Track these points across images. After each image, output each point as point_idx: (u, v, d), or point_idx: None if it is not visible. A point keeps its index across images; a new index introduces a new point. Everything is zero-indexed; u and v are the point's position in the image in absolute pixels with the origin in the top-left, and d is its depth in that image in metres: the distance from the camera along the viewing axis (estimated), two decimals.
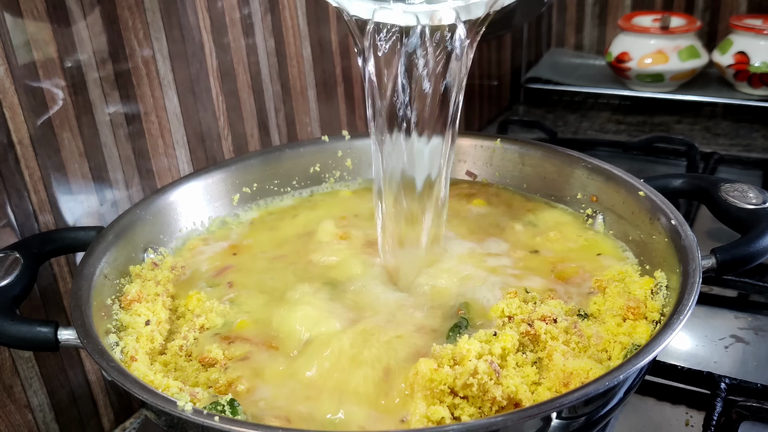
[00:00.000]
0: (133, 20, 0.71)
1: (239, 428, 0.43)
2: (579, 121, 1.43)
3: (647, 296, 0.58)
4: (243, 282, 0.66)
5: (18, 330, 0.52)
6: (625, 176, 0.69)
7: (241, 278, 0.66)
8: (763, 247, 0.58)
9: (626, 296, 0.58)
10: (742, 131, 1.33)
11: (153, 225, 0.69)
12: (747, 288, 0.81)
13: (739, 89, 1.37)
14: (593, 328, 0.55)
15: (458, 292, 0.61)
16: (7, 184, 0.62)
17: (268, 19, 0.88)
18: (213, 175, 0.75)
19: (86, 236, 0.63)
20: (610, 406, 0.50)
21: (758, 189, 0.65)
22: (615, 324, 0.55)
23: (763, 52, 1.31)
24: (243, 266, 0.68)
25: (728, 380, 0.66)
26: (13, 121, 0.62)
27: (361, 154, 0.81)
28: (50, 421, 0.69)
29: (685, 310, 0.50)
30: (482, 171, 0.80)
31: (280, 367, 0.54)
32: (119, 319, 0.58)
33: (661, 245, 0.62)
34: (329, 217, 0.74)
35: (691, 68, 1.37)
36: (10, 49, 0.61)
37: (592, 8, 1.59)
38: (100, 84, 0.69)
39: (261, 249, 0.71)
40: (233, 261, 0.69)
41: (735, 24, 1.35)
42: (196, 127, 0.81)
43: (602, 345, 0.54)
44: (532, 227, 0.72)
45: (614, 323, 0.56)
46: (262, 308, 0.62)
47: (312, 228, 0.73)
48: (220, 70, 0.83)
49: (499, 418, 0.44)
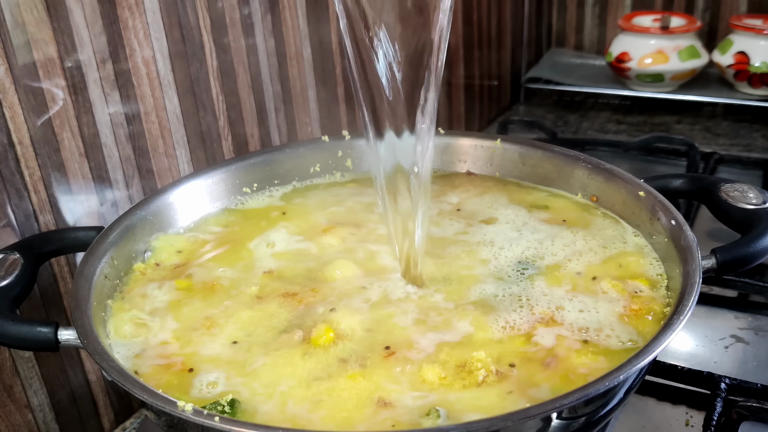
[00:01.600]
0: (133, 20, 0.71)
1: (239, 428, 0.43)
2: (579, 121, 1.43)
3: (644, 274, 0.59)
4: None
5: (18, 330, 0.52)
6: (626, 176, 0.69)
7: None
8: (763, 247, 0.58)
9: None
10: (742, 131, 1.33)
11: (153, 225, 0.69)
12: (747, 288, 0.81)
13: (739, 89, 1.37)
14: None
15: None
16: (7, 184, 0.62)
17: (268, 19, 0.88)
18: (213, 175, 0.75)
19: (86, 236, 0.63)
20: (611, 407, 0.50)
21: (758, 189, 0.65)
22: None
23: (763, 52, 1.31)
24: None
25: (728, 380, 0.66)
26: (13, 121, 0.62)
27: (361, 154, 0.81)
28: (50, 421, 0.69)
29: (685, 311, 0.50)
30: (482, 171, 0.80)
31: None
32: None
33: (661, 245, 0.63)
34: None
35: (691, 68, 1.37)
36: (10, 49, 0.61)
37: (592, 8, 1.59)
38: (100, 84, 0.69)
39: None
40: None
41: (735, 24, 1.35)
42: (196, 127, 0.81)
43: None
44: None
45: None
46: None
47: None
48: (220, 70, 0.83)
49: (500, 418, 0.44)
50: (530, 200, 0.74)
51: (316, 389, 0.51)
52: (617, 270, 0.62)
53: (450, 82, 1.30)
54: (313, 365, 0.53)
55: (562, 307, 0.58)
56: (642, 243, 0.66)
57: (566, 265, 0.63)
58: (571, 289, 0.60)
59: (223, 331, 0.58)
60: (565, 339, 0.54)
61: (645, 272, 0.62)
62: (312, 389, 0.51)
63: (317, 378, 0.52)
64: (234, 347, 0.56)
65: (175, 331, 0.58)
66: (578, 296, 0.59)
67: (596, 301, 0.58)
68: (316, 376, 0.52)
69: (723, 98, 1.37)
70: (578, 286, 0.61)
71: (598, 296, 0.59)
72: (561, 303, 0.58)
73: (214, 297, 0.62)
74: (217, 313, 0.60)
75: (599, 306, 0.58)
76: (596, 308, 0.58)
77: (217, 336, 0.57)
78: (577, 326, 0.56)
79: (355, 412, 0.49)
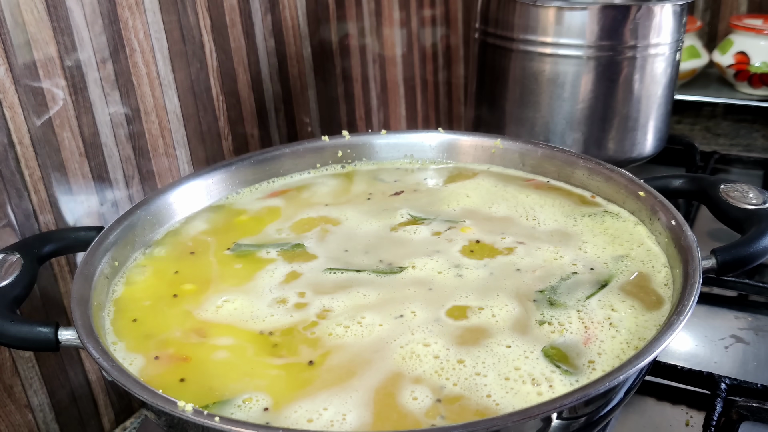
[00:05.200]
0: (133, 20, 0.71)
1: (239, 428, 0.43)
2: None
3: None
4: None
5: (18, 330, 0.52)
6: (626, 176, 0.69)
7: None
8: (763, 247, 0.58)
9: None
10: (742, 131, 1.33)
11: (153, 225, 0.69)
12: (747, 288, 0.81)
13: (739, 89, 1.37)
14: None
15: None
16: (7, 184, 0.62)
17: (268, 19, 0.88)
18: (213, 175, 0.75)
19: (87, 236, 0.62)
20: (611, 407, 0.50)
21: (758, 189, 0.65)
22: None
23: (763, 52, 1.31)
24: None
25: (728, 380, 0.66)
26: (13, 121, 0.62)
27: (361, 154, 0.81)
28: (50, 421, 0.69)
29: (685, 311, 0.50)
30: (482, 171, 0.80)
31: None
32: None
33: (661, 245, 0.63)
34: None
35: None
36: (10, 49, 0.61)
37: None
38: (100, 84, 0.69)
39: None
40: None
41: (735, 24, 1.35)
42: (196, 127, 0.81)
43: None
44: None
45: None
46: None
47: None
48: (220, 70, 0.83)
49: (500, 418, 0.44)
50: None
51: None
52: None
53: (450, 82, 1.30)
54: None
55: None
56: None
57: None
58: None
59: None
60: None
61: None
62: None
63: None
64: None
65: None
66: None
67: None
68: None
69: (723, 98, 1.37)
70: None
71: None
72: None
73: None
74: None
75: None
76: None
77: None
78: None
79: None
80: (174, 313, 0.59)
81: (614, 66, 0.92)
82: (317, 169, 0.80)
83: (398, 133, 0.83)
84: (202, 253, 0.66)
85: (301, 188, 0.77)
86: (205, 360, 0.53)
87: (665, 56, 0.95)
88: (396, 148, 0.82)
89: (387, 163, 0.82)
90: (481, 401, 0.48)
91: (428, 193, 0.75)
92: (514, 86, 0.97)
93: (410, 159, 0.82)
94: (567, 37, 0.91)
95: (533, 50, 0.94)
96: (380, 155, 0.82)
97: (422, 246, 0.66)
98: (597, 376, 0.49)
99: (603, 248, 0.64)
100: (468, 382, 0.49)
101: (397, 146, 0.82)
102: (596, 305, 0.57)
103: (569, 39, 0.91)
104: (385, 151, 0.82)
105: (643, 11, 0.91)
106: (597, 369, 0.50)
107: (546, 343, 0.53)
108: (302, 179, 0.79)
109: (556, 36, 0.92)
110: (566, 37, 0.91)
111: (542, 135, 0.97)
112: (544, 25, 0.92)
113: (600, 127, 0.96)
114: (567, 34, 0.91)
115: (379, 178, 0.79)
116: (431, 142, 0.81)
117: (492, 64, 0.99)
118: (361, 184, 0.78)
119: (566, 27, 0.91)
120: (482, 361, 0.51)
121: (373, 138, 0.82)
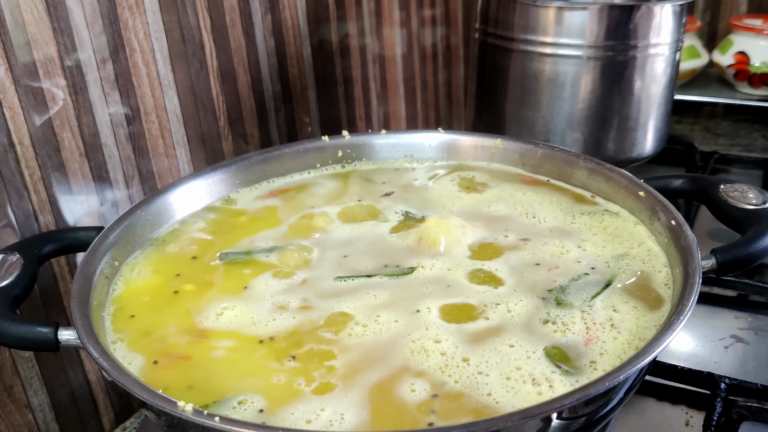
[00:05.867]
0: (133, 20, 0.71)
1: (239, 428, 0.43)
2: None
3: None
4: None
5: (18, 330, 0.52)
6: (626, 176, 0.69)
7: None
8: (763, 247, 0.58)
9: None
10: (742, 131, 1.33)
11: (153, 225, 0.69)
12: (747, 288, 0.81)
13: (739, 89, 1.37)
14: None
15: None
16: (7, 184, 0.62)
17: (268, 19, 0.88)
18: (213, 175, 0.75)
19: (87, 236, 0.62)
20: (610, 407, 0.50)
21: (758, 189, 0.65)
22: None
23: (763, 52, 1.31)
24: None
25: (728, 380, 0.66)
26: (13, 121, 0.62)
27: (361, 154, 0.81)
28: (50, 421, 0.69)
29: (685, 311, 0.50)
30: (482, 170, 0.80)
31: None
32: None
33: (661, 245, 0.63)
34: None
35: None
36: (10, 49, 0.61)
37: None
38: (100, 84, 0.69)
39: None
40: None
41: (735, 24, 1.35)
42: (196, 127, 0.81)
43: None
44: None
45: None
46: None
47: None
48: (220, 70, 0.83)
49: (499, 418, 0.44)
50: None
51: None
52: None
53: (450, 82, 1.30)
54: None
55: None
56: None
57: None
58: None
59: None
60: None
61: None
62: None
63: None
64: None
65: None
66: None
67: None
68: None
69: (723, 98, 1.37)
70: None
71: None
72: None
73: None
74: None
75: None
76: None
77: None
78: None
79: None
80: (174, 311, 0.59)
81: (614, 66, 0.93)
82: (317, 169, 0.80)
83: (398, 133, 0.83)
84: (202, 253, 0.66)
85: (301, 188, 0.77)
86: (205, 358, 0.53)
87: (665, 56, 0.95)
88: (396, 148, 0.82)
89: (387, 163, 0.82)
90: (482, 399, 0.48)
91: (417, 192, 0.76)
92: (514, 86, 0.97)
93: (410, 159, 0.82)
94: (567, 37, 0.91)
95: (533, 50, 0.94)
96: (380, 155, 0.82)
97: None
98: (597, 376, 0.49)
99: (602, 247, 0.64)
100: (470, 381, 0.50)
101: (397, 146, 0.82)
102: (600, 306, 0.57)
103: (569, 39, 0.91)
104: (385, 151, 0.82)
105: (643, 11, 0.91)
106: (598, 369, 0.50)
107: (548, 342, 0.53)
108: (302, 179, 0.79)
109: (556, 36, 0.92)
110: (566, 37, 0.91)
111: (542, 135, 0.97)
112: (544, 25, 0.92)
113: (600, 127, 0.96)
114: (567, 34, 0.91)
115: (378, 178, 0.79)
116: (431, 142, 0.81)
117: (492, 64, 0.99)
118: (361, 185, 0.78)
119: (566, 27, 0.91)
120: (486, 360, 0.51)
121: (373, 138, 0.82)
